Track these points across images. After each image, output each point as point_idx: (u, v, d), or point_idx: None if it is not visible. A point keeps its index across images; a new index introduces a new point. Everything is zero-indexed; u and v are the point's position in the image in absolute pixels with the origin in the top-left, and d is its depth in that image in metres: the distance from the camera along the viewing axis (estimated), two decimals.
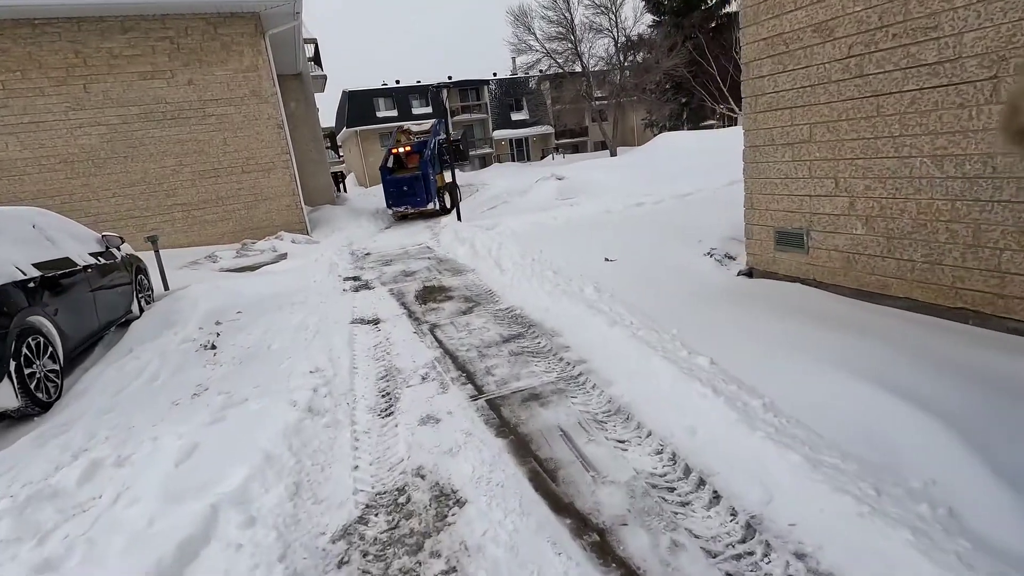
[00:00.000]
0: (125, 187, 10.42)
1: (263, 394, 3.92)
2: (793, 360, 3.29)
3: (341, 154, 35.80)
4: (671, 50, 28.34)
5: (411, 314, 5.73)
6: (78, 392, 4.33)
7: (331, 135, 17.81)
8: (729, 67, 30.59)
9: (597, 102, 31.37)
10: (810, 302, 4.34)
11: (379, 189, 29.87)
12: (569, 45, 30.01)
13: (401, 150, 14.61)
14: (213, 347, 5.34)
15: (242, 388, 4.18)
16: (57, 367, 4.30)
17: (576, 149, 47.99)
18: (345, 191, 28.68)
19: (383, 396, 3.83)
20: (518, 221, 10.55)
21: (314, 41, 18.49)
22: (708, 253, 6.20)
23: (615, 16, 29.89)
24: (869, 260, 4.14)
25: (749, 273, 5.40)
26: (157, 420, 3.80)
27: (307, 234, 11.88)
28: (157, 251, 7.85)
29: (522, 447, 2.94)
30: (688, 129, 32.62)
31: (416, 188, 13.74)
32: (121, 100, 10.12)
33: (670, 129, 36.05)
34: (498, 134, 45.29)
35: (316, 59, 18.56)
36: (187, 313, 6.46)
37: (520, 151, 46.62)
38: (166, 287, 7.85)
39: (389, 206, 14.45)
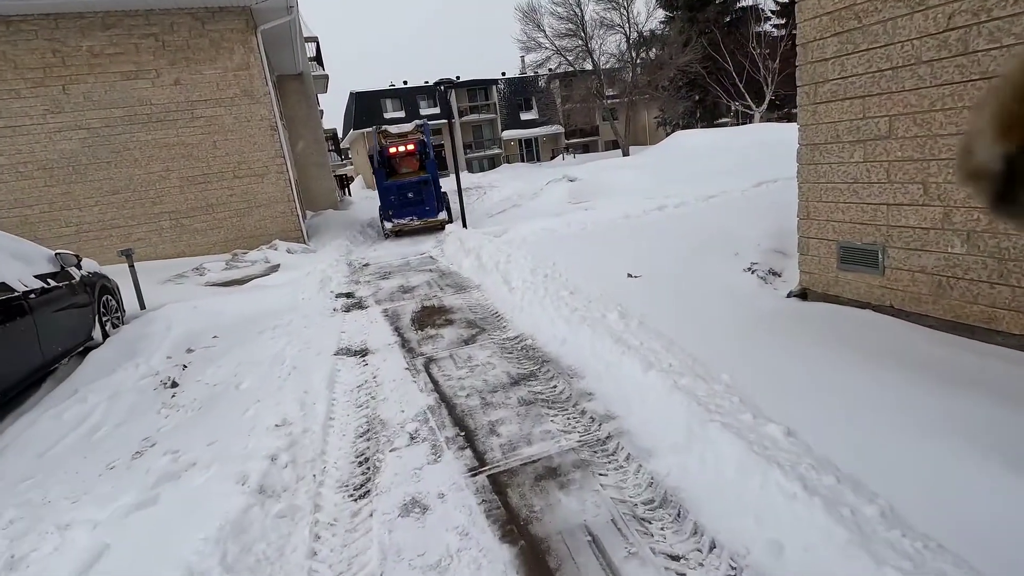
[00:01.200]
0: (108, 195, 9.76)
1: (214, 458, 3.15)
2: (901, 432, 2.45)
3: (345, 157, 35.18)
4: (685, 45, 27.40)
5: (405, 343, 4.94)
6: None
7: (334, 137, 17.14)
8: (745, 62, 29.65)
9: (608, 101, 30.43)
10: (893, 338, 3.48)
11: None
12: (579, 42, 29.15)
13: (401, 148, 12.35)
14: (175, 384, 4.59)
15: (193, 446, 3.43)
16: None
17: (586, 149, 47.08)
18: (350, 195, 28.04)
19: (360, 463, 3.04)
20: (528, 228, 9.75)
21: (315, 40, 17.82)
22: (749, 268, 5.35)
23: (626, 11, 29.00)
24: (970, 286, 3.28)
25: (802, 295, 4.55)
26: (80, 494, 3.04)
27: (304, 242, 11.16)
28: (132, 266, 7.13)
29: (536, 562, 2.14)
30: (702, 127, 31.63)
31: (424, 195, 11.56)
32: (103, 102, 9.46)
33: (683, 127, 35.09)
34: (507, 134, 44.52)
35: (318, 59, 17.91)
36: (157, 339, 5.73)
37: (530, 151, 45.81)
38: (142, 306, 7.14)
39: (388, 218, 11.79)
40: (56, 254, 5.28)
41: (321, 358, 4.76)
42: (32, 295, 4.51)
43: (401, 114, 42.19)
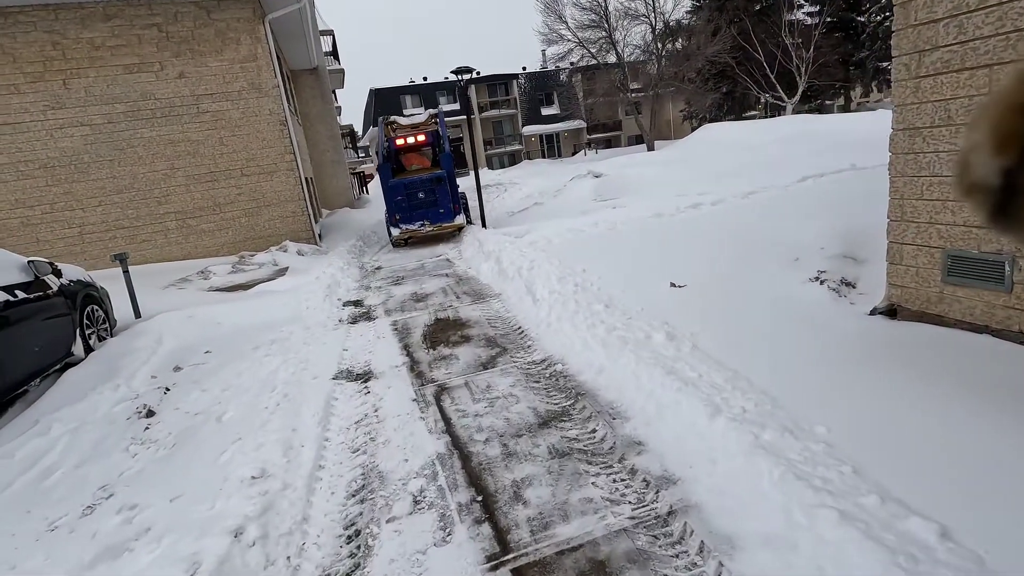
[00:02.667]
0: (112, 194, 9.32)
1: (170, 524, 2.53)
2: None
3: (365, 154, 34.70)
4: (714, 35, 26.25)
5: (414, 365, 4.28)
6: None
7: (351, 133, 16.57)
8: (777, 52, 28.38)
9: (633, 94, 29.43)
10: None
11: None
12: (603, 33, 28.20)
13: (410, 139, 10.54)
14: (151, 413, 4.00)
15: (154, 500, 2.82)
16: None
17: (609, 144, 46.07)
18: (367, 192, 27.57)
19: (347, 540, 2.38)
20: (552, 228, 9.03)
21: (331, 33, 17.30)
22: (816, 278, 4.56)
23: (652, 1, 27.96)
24: None
25: (890, 312, 3.76)
26: (5, 568, 2.44)
27: (315, 243, 10.61)
28: (127, 271, 6.62)
29: None
30: (730, 120, 30.42)
31: (439, 195, 9.79)
32: (105, 97, 9.01)
33: (711, 120, 33.89)
34: (528, 130, 43.72)
35: (334, 53, 17.39)
36: (145, 355, 5.17)
37: (551, 147, 44.95)
38: (137, 315, 6.62)
39: (395, 223, 9.94)
40: (29, 262, 4.74)
41: (317, 383, 4.12)
42: None
43: (420, 110, 41.69)
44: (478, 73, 40.65)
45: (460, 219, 10.07)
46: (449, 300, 6.06)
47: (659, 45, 28.35)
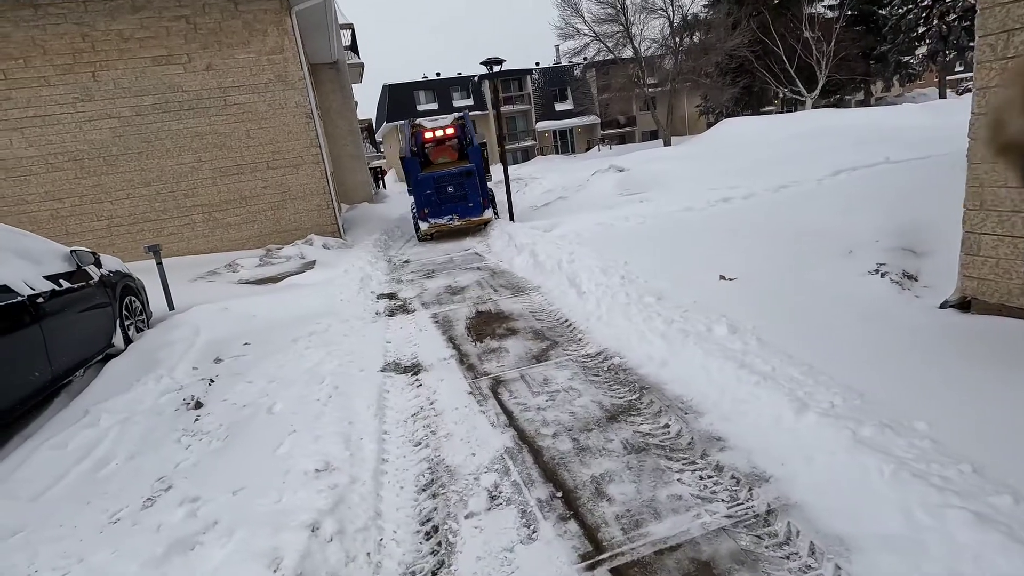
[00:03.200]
0: (139, 187, 9.31)
1: (239, 518, 2.46)
2: None
3: (381, 148, 34.67)
4: (734, 28, 25.89)
5: (463, 358, 4.19)
6: None
7: (369, 128, 16.51)
8: (797, 46, 27.96)
9: (650, 89, 29.14)
10: None
11: None
12: (619, 27, 27.93)
13: (439, 132, 10.37)
14: (199, 404, 3.94)
15: (215, 493, 2.74)
16: None
17: (623, 140, 45.74)
18: (384, 187, 27.56)
19: (427, 536, 2.29)
20: (582, 222, 8.91)
21: (351, 27, 17.24)
22: (876, 271, 4.41)
23: None
24: None
25: (963, 305, 3.61)
26: (73, 562, 2.38)
27: (340, 237, 10.56)
28: (160, 263, 6.59)
29: None
30: (746, 115, 30.02)
31: (468, 189, 9.61)
32: (133, 89, 8.99)
33: (728, 115, 33.52)
34: (541, 125, 43.50)
35: (353, 46, 17.32)
36: (183, 347, 5.13)
37: (564, 143, 44.72)
38: (171, 307, 6.59)
39: (424, 217, 9.79)
40: (71, 251, 4.70)
41: (366, 376, 4.04)
42: (40, 299, 3.92)
43: (434, 106, 41.64)
44: (496, 66, 40.49)
45: (488, 213, 9.97)
46: (487, 293, 5.96)
47: (677, 40, 28.02)
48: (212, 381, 4.36)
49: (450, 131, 10.60)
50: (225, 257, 9.26)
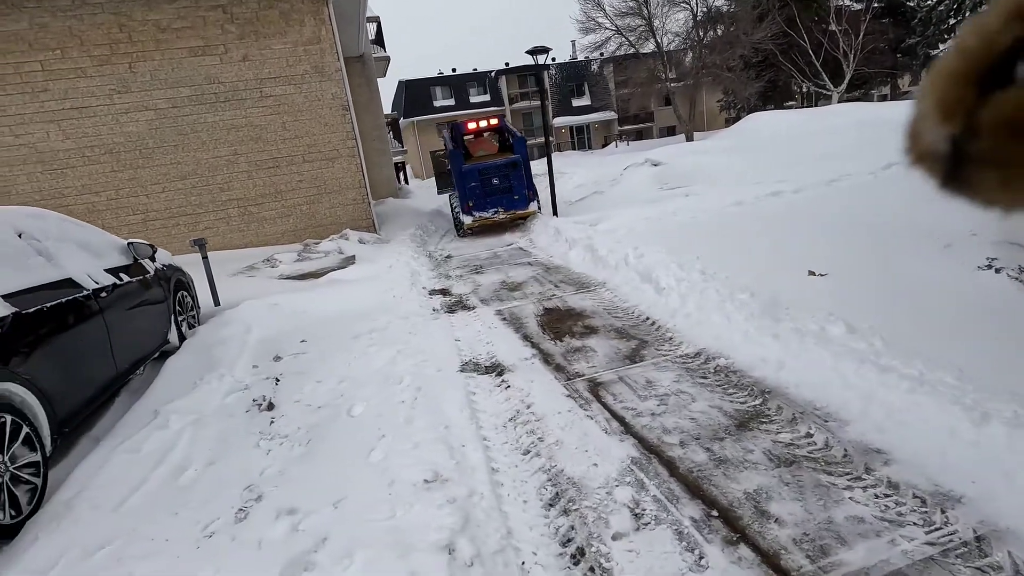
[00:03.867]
0: (175, 180, 9.14)
1: (352, 535, 2.22)
2: None
3: (404, 145, 34.37)
4: (761, 20, 25.35)
5: (546, 357, 3.93)
6: (63, 501, 2.75)
7: (394, 122, 16.32)
8: (823, 39, 27.36)
9: (672, 84, 28.69)
10: None
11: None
12: (642, 21, 27.48)
13: (482, 123, 10.26)
14: (271, 406, 3.72)
15: (315, 504, 2.52)
16: (37, 457, 2.74)
17: (640, 135, 45.27)
18: (407, 183, 27.37)
19: (574, 559, 2.03)
20: (628, 216, 8.63)
21: (376, 20, 17.03)
22: (988, 265, 4.09)
23: None
24: None
25: None
26: None
27: (375, 232, 10.35)
28: (205, 257, 6.40)
29: None
30: (769, 109, 29.48)
31: (514, 181, 9.32)
32: (170, 80, 8.82)
33: (750, 110, 32.97)
34: (558, 121, 43.09)
35: (379, 40, 17.11)
36: (237, 344, 4.92)
37: (581, 139, 44.34)
38: (216, 302, 6.40)
39: (468, 211, 9.42)
40: (128, 244, 4.50)
41: (445, 376, 3.80)
42: (103, 293, 3.71)
43: (451, 102, 41.44)
44: (507, 64, 40.13)
45: (534, 206, 9.61)
46: (548, 289, 5.70)
47: (700, 33, 27.52)
48: (278, 380, 4.14)
49: (494, 122, 10.41)
50: (261, 252, 9.07)
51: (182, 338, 4.99)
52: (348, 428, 3.25)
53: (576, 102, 43.78)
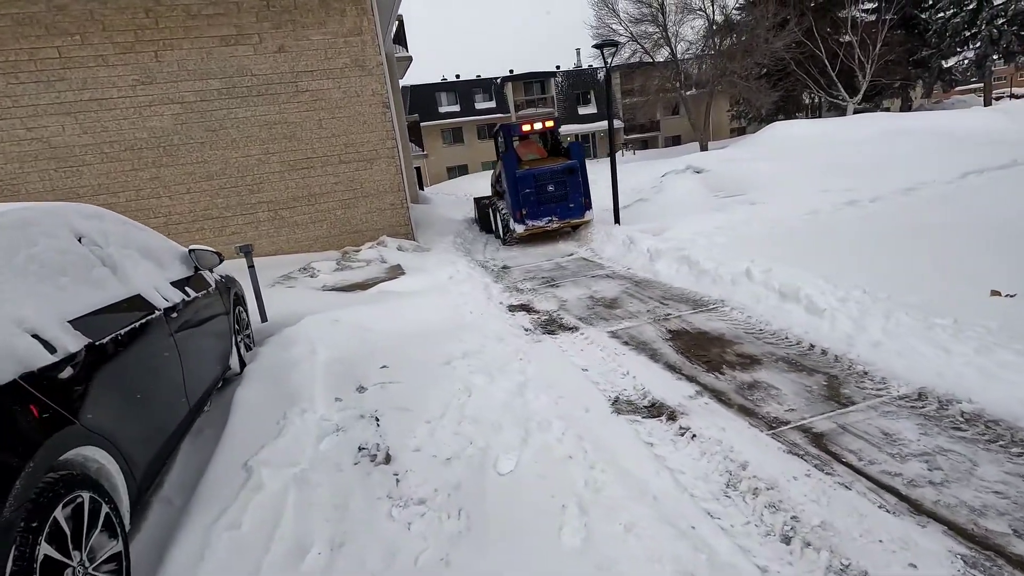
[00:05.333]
0: (202, 180, 8.37)
1: None
2: None
3: (424, 149, 33.47)
4: (781, 27, 24.99)
5: (717, 395, 3.21)
6: None
7: (415, 124, 15.64)
8: (839, 50, 27.10)
9: (688, 92, 28.31)
10: None
11: (452, 187, 27.54)
12: (657, 28, 27.10)
13: (537, 125, 9.57)
14: (388, 458, 2.96)
15: None
16: (119, 546, 1.97)
17: (645, 145, 44.99)
18: (421, 188, 26.61)
19: None
20: (695, 224, 8.00)
21: (400, 18, 16.37)
22: None
23: None
24: None
25: None
26: None
27: (413, 239, 9.61)
28: (252, 266, 5.64)
29: None
30: (781, 119, 29.14)
31: (570, 188, 8.77)
32: (198, 72, 8.07)
33: (764, 120, 32.66)
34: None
35: (401, 39, 16.46)
36: (307, 369, 4.16)
37: (587, 147, 43.88)
38: (263, 318, 5.64)
39: (519, 219, 8.74)
40: (190, 251, 3.76)
41: (598, 418, 3.07)
42: (174, 313, 2.96)
43: (456, 108, 40.88)
44: (511, 71, 39.53)
45: (590, 214, 9.03)
46: (654, 307, 4.99)
47: (716, 40, 27.17)
48: (378, 420, 3.39)
49: (549, 124, 9.78)
50: (296, 260, 8.30)
51: (242, 363, 4.22)
52: (507, 493, 2.52)
53: (582, 110, 43.36)
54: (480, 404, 3.41)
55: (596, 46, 8.61)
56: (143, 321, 2.58)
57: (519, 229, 8.86)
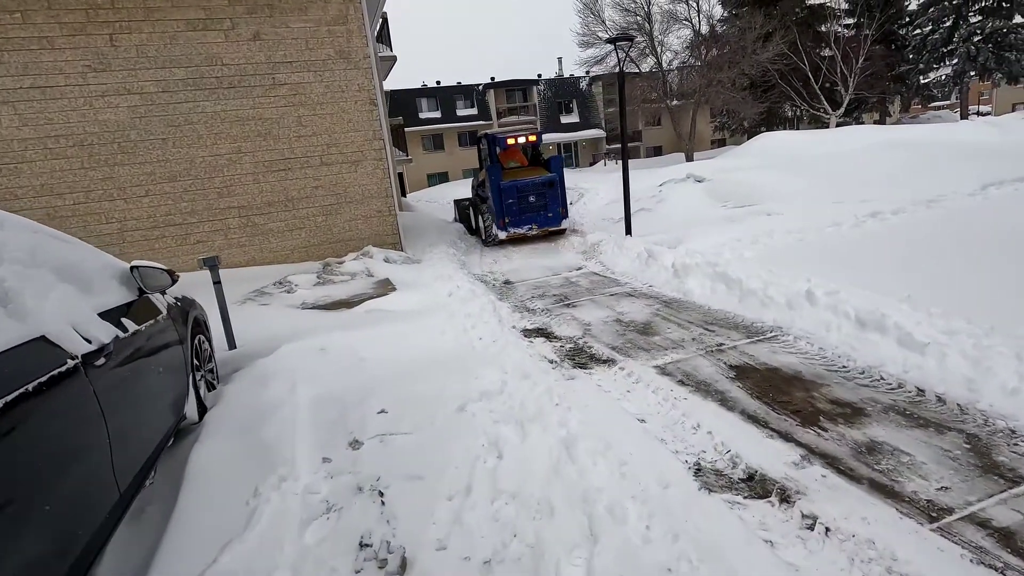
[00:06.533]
0: (163, 182, 7.39)
1: None
2: None
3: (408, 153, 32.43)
4: (766, 39, 24.92)
5: (834, 463, 2.47)
6: None
7: (398, 128, 14.76)
8: (823, 63, 27.22)
9: (674, 102, 28.09)
10: None
11: (434, 194, 26.65)
12: (643, 37, 26.82)
13: (520, 139, 9.97)
14: (403, 565, 2.13)
15: None
16: None
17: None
18: (404, 195, 25.64)
19: None
20: (716, 237, 7.37)
21: (384, 16, 15.54)
22: None
23: (696, 2, 26.70)
24: None
25: None
26: None
27: (402, 249, 8.76)
28: (218, 282, 4.75)
29: None
30: (763, 131, 29.12)
31: (549, 199, 9.40)
32: (160, 59, 7.12)
33: (747, 132, 32.71)
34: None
35: (384, 37, 15.62)
36: (285, 417, 3.33)
37: (568, 156, 43.52)
38: (231, 344, 4.74)
39: (503, 226, 9.35)
40: (133, 269, 2.88)
41: (679, 497, 2.30)
42: (100, 359, 2.09)
43: (437, 114, 40.12)
44: (492, 79, 39.02)
45: (566, 223, 9.82)
46: (698, 334, 4.26)
47: (703, 51, 27.01)
48: (382, 495, 2.56)
49: (532, 138, 10.26)
50: (271, 272, 7.37)
51: (203, 408, 3.34)
52: None
53: (564, 119, 43.00)
54: (516, 470, 2.61)
55: (610, 40, 7.94)
56: (46, 378, 1.72)
57: (502, 235, 9.43)
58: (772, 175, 11.86)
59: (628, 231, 7.91)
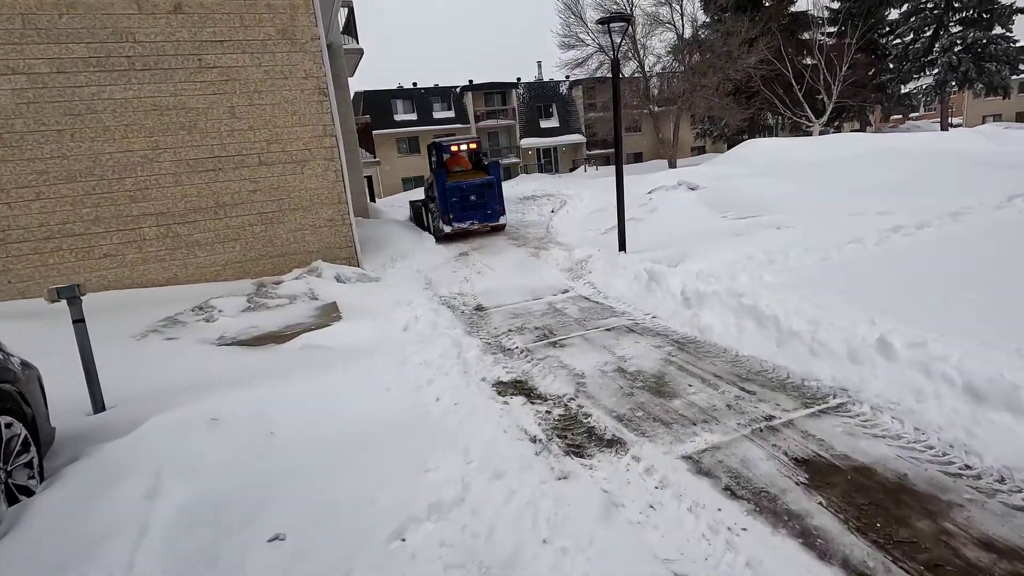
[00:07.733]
0: (59, 183, 6.04)
1: None
2: None
3: (376, 156, 31.01)
4: (751, 44, 24.29)
5: None
6: None
7: (365, 128, 13.48)
8: (806, 71, 26.77)
9: (658, 107, 27.32)
10: None
11: (406, 199, 25.53)
12: (625, 40, 25.98)
13: (464, 147, 11.81)
14: None
15: None
16: None
17: (608, 161, 44.09)
18: (372, 200, 24.25)
19: None
20: (723, 253, 6.36)
21: (349, 5, 14.28)
22: None
23: (680, 5, 25.99)
24: None
25: None
26: None
27: (358, 265, 7.51)
28: (81, 321, 3.47)
29: None
30: (746, 139, 28.58)
31: (488, 198, 10.86)
32: (54, 32, 5.80)
33: (728, 139, 32.21)
34: (525, 142, 41.19)
35: (351, 29, 14.34)
36: (121, 555, 2.10)
37: (548, 161, 42.59)
38: (99, 406, 3.47)
39: (448, 221, 10.69)
40: None
41: None
42: None
43: (413, 116, 38.83)
44: (471, 81, 37.84)
45: (503, 219, 11.07)
46: (733, 397, 3.14)
47: (687, 55, 26.30)
48: None
49: (473, 146, 12.03)
50: (190, 293, 6.06)
51: None
52: None
53: (544, 124, 42.06)
54: None
55: (601, 21, 6.85)
56: None
57: (447, 229, 10.54)
58: (770, 183, 10.94)
59: (622, 246, 6.81)
